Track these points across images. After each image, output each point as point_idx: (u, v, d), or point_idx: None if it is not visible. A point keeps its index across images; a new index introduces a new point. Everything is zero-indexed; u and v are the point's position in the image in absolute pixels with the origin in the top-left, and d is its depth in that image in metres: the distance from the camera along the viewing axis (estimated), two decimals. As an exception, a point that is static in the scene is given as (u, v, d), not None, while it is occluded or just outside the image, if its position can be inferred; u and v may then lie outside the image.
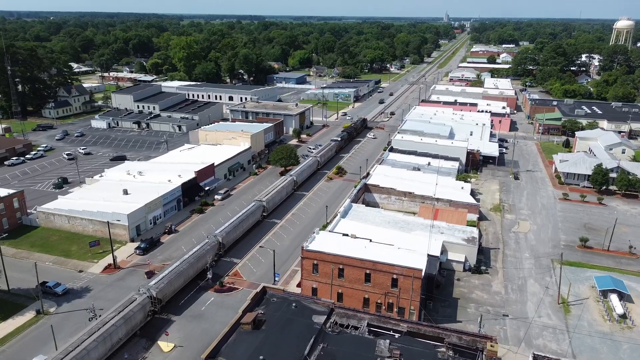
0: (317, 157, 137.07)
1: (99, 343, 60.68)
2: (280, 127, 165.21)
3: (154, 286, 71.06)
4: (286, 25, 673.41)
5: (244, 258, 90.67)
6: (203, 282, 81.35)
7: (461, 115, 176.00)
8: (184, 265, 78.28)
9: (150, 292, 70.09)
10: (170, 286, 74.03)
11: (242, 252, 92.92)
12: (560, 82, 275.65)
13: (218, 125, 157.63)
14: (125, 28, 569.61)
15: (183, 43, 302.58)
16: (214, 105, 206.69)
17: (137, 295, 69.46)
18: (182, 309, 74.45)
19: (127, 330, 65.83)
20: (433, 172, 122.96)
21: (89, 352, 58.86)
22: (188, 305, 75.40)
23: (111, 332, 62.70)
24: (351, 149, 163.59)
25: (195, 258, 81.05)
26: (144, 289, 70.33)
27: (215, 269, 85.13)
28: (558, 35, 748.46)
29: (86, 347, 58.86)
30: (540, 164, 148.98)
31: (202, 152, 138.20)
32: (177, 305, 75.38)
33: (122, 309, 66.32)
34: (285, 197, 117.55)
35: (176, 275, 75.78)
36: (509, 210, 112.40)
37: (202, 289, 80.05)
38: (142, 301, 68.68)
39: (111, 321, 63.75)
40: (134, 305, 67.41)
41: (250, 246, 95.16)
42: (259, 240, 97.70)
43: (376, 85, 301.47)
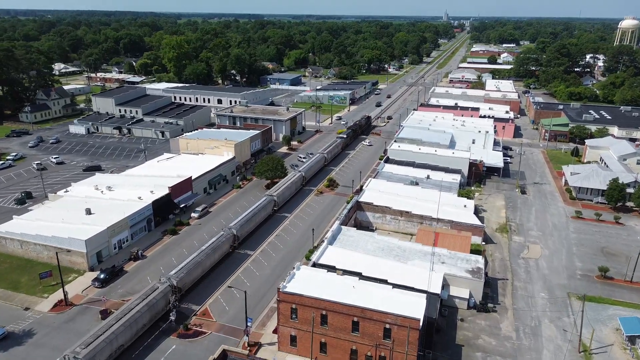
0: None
1: (126, 328, 63.29)
2: (268, 134, 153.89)
3: (174, 275, 73.83)
4: (283, 24, 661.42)
5: (216, 292, 79.37)
6: (165, 324, 70.00)
7: (462, 121, 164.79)
8: (201, 256, 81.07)
9: (171, 281, 72.55)
10: (189, 276, 76.88)
11: (217, 284, 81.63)
12: (564, 84, 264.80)
13: (201, 133, 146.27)
14: (119, 27, 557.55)
15: (173, 43, 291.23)
16: (200, 109, 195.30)
17: (159, 284, 72.00)
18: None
19: (151, 317, 68.26)
20: (433, 187, 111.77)
21: (117, 336, 61.62)
22: (144, 356, 64.06)
23: (137, 318, 65.27)
24: (344, 159, 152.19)
25: (212, 249, 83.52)
26: (165, 278, 73.04)
27: (184, 306, 73.95)
28: (559, 34, 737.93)
29: (114, 332, 61.46)
30: (548, 176, 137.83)
31: (182, 162, 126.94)
32: (133, 355, 64.10)
33: (145, 297, 68.80)
34: (264, 219, 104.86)
35: (194, 265, 78.47)
36: (517, 231, 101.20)
37: (164, 332, 68.73)
38: (164, 289, 71.13)
39: (136, 307, 66.24)
40: (157, 293, 69.99)
41: (225, 276, 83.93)
42: (234, 270, 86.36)
43: (373, 87, 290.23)
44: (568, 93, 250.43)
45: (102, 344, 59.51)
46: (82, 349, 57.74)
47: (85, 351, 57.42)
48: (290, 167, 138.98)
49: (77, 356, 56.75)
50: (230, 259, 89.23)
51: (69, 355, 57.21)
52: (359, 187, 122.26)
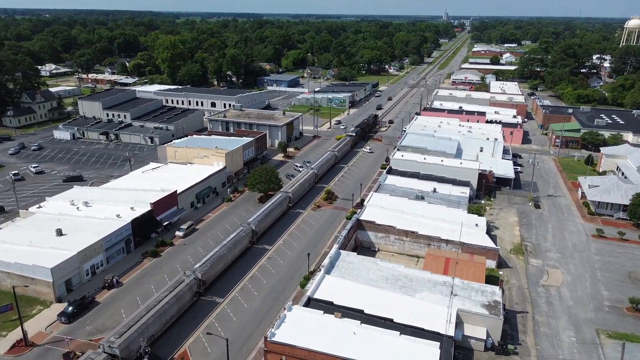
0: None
1: (156, 319, 64.48)
2: (262, 141, 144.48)
3: (199, 269, 75.08)
4: (282, 24, 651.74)
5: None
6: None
7: (469, 127, 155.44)
8: (223, 250, 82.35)
9: (195, 274, 73.98)
10: (213, 269, 78.23)
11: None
12: (572, 86, 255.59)
13: (190, 140, 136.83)
14: (114, 26, 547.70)
15: (167, 43, 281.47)
16: (192, 113, 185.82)
17: (185, 277, 73.20)
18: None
19: (178, 309, 69.60)
20: (440, 202, 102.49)
21: (148, 326, 62.88)
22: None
23: (166, 310, 66.44)
24: (343, 168, 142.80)
25: (233, 243, 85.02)
26: (190, 271, 74.34)
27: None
28: (561, 34, 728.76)
29: (146, 322, 62.92)
30: (562, 187, 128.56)
31: (168, 173, 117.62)
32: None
33: (172, 289, 69.93)
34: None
35: (217, 259, 79.74)
36: (534, 253, 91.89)
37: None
38: (190, 282, 72.54)
39: (165, 299, 67.46)
40: (183, 285, 71.24)
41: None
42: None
43: (373, 88, 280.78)
44: (576, 95, 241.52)
45: (135, 334, 60.74)
46: (117, 339, 58.93)
47: (120, 340, 58.63)
48: (286, 177, 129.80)
49: (112, 345, 57.97)
50: (249, 254, 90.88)
51: (104, 345, 58.58)
52: (360, 201, 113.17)
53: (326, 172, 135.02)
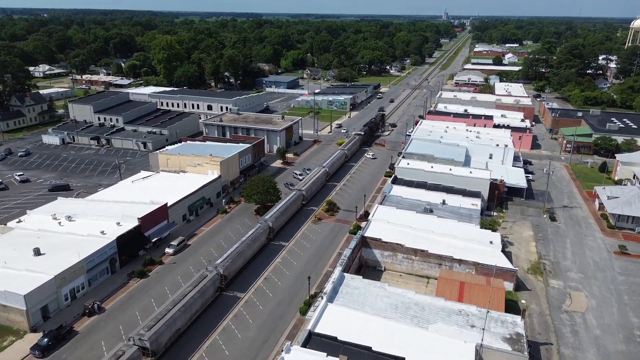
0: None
1: (182, 313, 65.64)
2: (260, 147, 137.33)
3: (221, 264, 76.31)
4: (281, 24, 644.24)
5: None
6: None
7: (477, 132, 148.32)
8: (243, 246, 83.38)
9: (218, 270, 75.06)
10: (234, 264, 79.38)
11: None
12: (579, 87, 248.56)
13: (183, 147, 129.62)
14: (111, 26, 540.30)
15: (163, 43, 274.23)
16: (188, 116, 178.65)
17: (208, 272, 74.06)
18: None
19: (202, 303, 70.76)
20: (450, 216, 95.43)
21: (175, 320, 64.01)
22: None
23: (191, 304, 67.59)
24: (346, 174, 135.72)
25: (251, 240, 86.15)
26: (212, 267, 75.30)
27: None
28: (562, 34, 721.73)
29: (173, 316, 63.96)
30: (577, 197, 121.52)
31: (159, 183, 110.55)
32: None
33: (197, 284, 70.93)
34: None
35: (237, 254, 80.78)
36: (553, 273, 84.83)
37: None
38: (213, 277, 73.67)
39: (190, 294, 68.57)
40: (207, 280, 72.25)
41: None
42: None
43: (375, 90, 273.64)
44: (583, 98, 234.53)
45: (164, 327, 62.11)
46: (146, 332, 60.08)
47: (149, 333, 59.89)
48: (285, 186, 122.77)
49: (142, 338, 58.99)
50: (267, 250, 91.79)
51: (134, 337, 59.39)
52: (363, 213, 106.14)
53: (337, 170, 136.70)
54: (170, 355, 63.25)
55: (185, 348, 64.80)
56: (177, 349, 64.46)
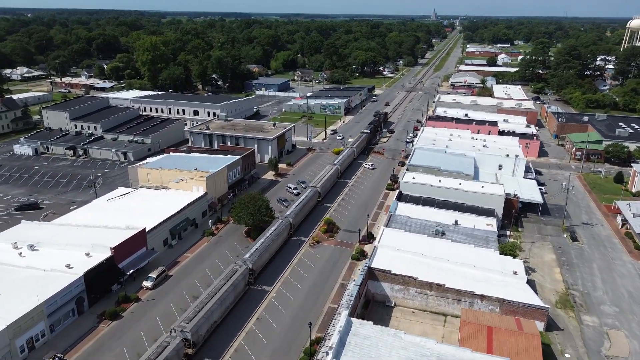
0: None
1: (218, 306, 67.24)
2: (250, 158, 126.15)
3: (249, 259, 77.59)
4: (270, 24, 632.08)
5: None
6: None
7: (483, 140, 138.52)
8: (268, 241, 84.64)
9: (246, 264, 76.24)
10: (261, 259, 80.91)
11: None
12: (580, 90, 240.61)
13: (166, 159, 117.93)
14: (96, 26, 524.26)
15: (147, 44, 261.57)
16: (172, 123, 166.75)
17: (238, 267, 75.12)
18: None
19: (235, 297, 72.12)
20: (465, 239, 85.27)
21: (212, 313, 65.82)
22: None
23: (225, 297, 69.14)
24: (344, 189, 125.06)
25: (275, 235, 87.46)
26: (241, 261, 76.35)
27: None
28: (553, 34, 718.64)
29: (210, 308, 65.52)
30: (595, 211, 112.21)
31: (138, 202, 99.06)
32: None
33: (228, 278, 72.27)
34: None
35: (264, 249, 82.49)
36: (585, 307, 74.94)
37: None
38: (243, 271, 74.97)
39: (224, 287, 70.01)
40: (238, 274, 73.46)
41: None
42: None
43: (369, 92, 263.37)
44: (585, 101, 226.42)
45: (202, 319, 63.61)
46: (187, 324, 61.61)
47: (190, 325, 61.48)
48: (278, 202, 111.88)
49: (184, 329, 60.60)
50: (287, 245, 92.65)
51: (176, 329, 60.83)
52: (366, 234, 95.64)
53: (347, 167, 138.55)
54: (208, 346, 64.60)
55: (222, 339, 66.29)
56: (214, 340, 65.81)
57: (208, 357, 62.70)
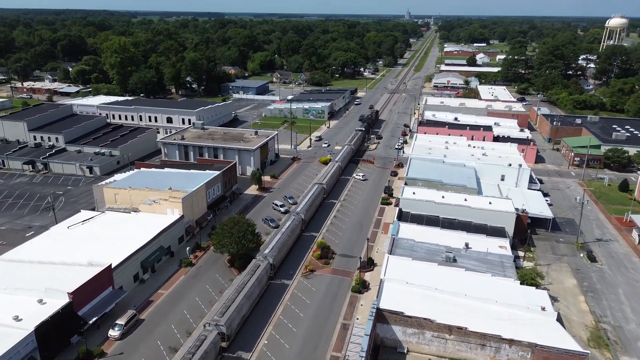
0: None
1: (247, 300, 68.44)
2: (231, 173, 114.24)
3: (269, 254, 79.11)
4: (245, 23, 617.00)
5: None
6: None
7: (481, 148, 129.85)
8: (284, 237, 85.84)
9: (268, 259, 77.92)
10: (279, 254, 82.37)
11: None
12: (566, 90, 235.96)
13: (136, 176, 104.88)
14: (62, 26, 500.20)
15: (116, 45, 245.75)
16: (144, 132, 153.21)
17: (261, 262, 76.99)
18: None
19: (260, 291, 74.31)
20: (479, 266, 75.66)
21: (242, 307, 66.71)
22: None
23: (252, 292, 70.52)
24: (334, 205, 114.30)
25: (290, 231, 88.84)
26: (262, 257, 78.21)
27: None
28: (527, 33, 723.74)
29: (240, 303, 66.36)
30: (605, 224, 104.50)
31: (103, 229, 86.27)
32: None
33: (253, 273, 73.89)
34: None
35: (281, 244, 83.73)
36: (620, 344, 66.05)
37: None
38: (266, 266, 76.71)
39: (249, 282, 71.05)
40: (261, 269, 75.13)
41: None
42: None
43: (352, 95, 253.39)
44: (572, 101, 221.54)
45: (234, 313, 64.56)
46: (220, 317, 62.65)
47: (224, 319, 62.30)
48: (264, 222, 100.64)
49: (218, 323, 61.55)
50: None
51: (210, 323, 61.84)
52: (366, 260, 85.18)
53: (347, 164, 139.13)
54: (239, 339, 65.23)
55: (252, 332, 67.04)
56: (244, 333, 66.76)
57: (240, 349, 63.74)
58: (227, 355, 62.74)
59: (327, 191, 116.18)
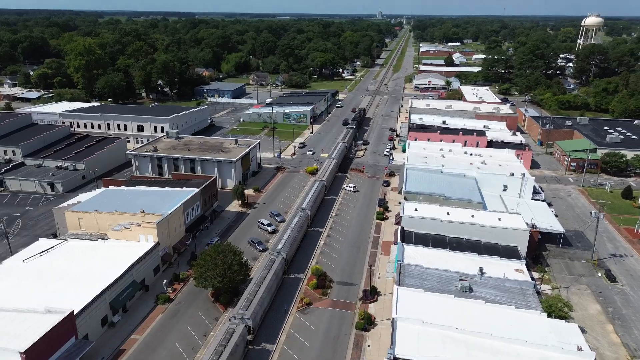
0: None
1: (267, 294, 70.30)
2: (211, 189, 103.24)
3: (283, 249, 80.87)
4: (217, 23, 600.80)
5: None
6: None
7: (478, 155, 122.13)
8: (294, 233, 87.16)
9: (281, 254, 79.32)
10: (291, 249, 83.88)
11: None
12: (550, 91, 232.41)
13: (103, 197, 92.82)
14: (23, 27, 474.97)
15: (80, 47, 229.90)
16: (112, 143, 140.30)
17: (276, 257, 78.33)
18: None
19: (277, 284, 75.62)
20: (498, 297, 67.26)
21: (263, 300, 68.28)
22: None
23: (271, 286, 71.97)
24: (327, 218, 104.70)
25: (299, 226, 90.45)
26: (275, 252, 79.79)
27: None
28: (499, 32, 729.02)
29: (262, 296, 68.27)
30: (616, 236, 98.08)
31: (65, 261, 74.55)
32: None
33: (269, 267, 75.26)
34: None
35: (292, 240, 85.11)
36: (665, 385, 58.62)
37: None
38: (281, 261, 78.30)
39: (268, 276, 72.74)
40: (277, 264, 76.59)
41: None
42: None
43: (333, 97, 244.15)
44: (557, 102, 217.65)
45: (258, 306, 66.10)
46: (245, 311, 64.05)
47: (249, 312, 63.97)
48: (250, 245, 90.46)
49: (244, 316, 62.88)
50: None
51: (235, 316, 63.10)
52: (369, 289, 75.88)
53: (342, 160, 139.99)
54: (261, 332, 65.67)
55: (273, 324, 67.87)
56: (266, 326, 67.60)
57: (264, 342, 64.56)
58: (252, 347, 63.78)
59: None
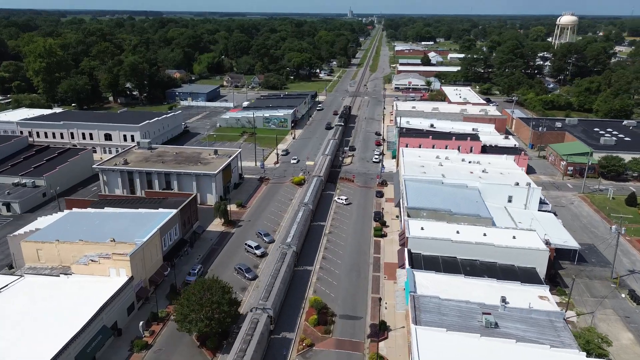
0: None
1: (283, 284, 71.30)
2: (191, 208, 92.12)
3: (293, 242, 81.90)
4: (187, 22, 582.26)
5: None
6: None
7: (478, 163, 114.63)
8: (300, 226, 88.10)
9: (291, 247, 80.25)
10: (300, 242, 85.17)
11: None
12: (532, 91, 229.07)
13: (65, 222, 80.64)
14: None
15: (40, 48, 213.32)
16: (77, 155, 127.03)
17: (287, 250, 79.52)
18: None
19: (290, 276, 77.46)
20: (527, 332, 59.15)
21: (280, 292, 69.25)
22: None
23: (286, 278, 73.25)
24: (322, 235, 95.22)
25: (305, 220, 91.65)
26: (286, 246, 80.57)
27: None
28: (470, 31, 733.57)
29: (279, 288, 69.03)
30: (629, 249, 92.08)
31: (21, 303, 62.85)
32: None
33: (283, 259, 76.54)
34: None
35: (300, 233, 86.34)
36: None
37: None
38: (292, 253, 79.28)
39: (282, 268, 73.77)
40: (289, 256, 77.78)
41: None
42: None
43: (313, 99, 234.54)
44: (541, 102, 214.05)
45: (276, 297, 66.92)
46: (265, 302, 64.87)
47: (270, 302, 64.77)
48: (237, 273, 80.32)
49: (265, 307, 63.69)
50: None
51: (257, 307, 63.79)
52: (378, 324, 66.78)
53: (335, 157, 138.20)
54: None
55: (289, 314, 68.62)
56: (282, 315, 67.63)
57: (284, 331, 65.37)
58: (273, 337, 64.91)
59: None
